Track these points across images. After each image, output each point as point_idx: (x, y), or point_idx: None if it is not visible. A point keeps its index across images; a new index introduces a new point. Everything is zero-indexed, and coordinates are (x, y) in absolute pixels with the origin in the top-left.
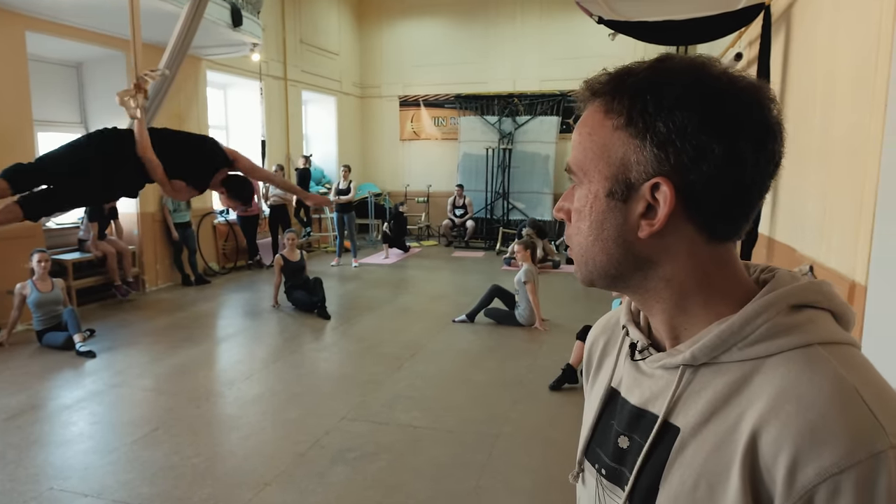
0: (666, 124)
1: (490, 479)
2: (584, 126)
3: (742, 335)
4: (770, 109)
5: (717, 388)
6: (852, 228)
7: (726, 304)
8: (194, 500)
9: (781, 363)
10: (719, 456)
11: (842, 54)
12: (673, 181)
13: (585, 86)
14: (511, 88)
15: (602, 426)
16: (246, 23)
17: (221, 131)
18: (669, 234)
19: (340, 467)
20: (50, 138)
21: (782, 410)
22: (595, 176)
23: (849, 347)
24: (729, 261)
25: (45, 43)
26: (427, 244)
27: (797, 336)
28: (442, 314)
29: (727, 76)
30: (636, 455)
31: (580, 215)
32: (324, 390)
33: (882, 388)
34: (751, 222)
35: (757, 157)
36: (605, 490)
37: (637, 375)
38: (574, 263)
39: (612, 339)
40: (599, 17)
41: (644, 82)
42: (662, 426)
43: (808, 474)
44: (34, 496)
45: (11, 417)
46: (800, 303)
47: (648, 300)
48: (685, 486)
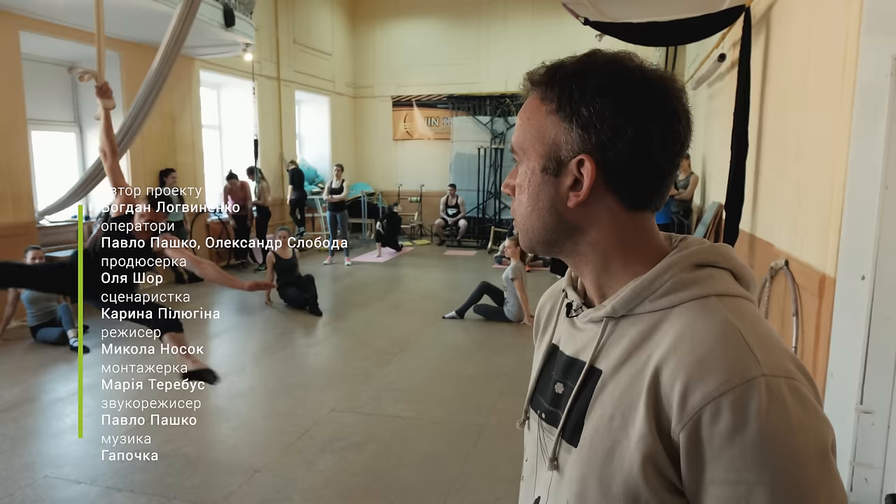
0: (588, 109)
1: (474, 466)
2: (524, 112)
3: (652, 290)
4: (677, 98)
5: (632, 336)
6: (823, 224)
7: (642, 265)
8: (186, 486)
9: (683, 312)
10: (631, 391)
11: (814, 55)
12: (594, 158)
13: (527, 77)
14: (503, 89)
15: (544, 377)
16: (238, 23)
17: (214, 131)
18: (593, 203)
19: (328, 456)
20: (44, 137)
21: (679, 349)
22: (532, 154)
23: (741, 300)
24: (646, 228)
25: (38, 42)
26: (420, 243)
27: (697, 289)
28: (432, 311)
29: (641, 69)
30: (568, 397)
31: (521, 189)
32: (314, 384)
33: (762, 331)
34: (664, 195)
35: (664, 138)
36: (545, 432)
37: (572, 330)
38: (518, 234)
39: (556, 304)
40: (585, 19)
41: (571, 74)
42: (588, 370)
43: (696, 398)
44: (29, 483)
45: (6, 410)
46: (701, 262)
47: (579, 263)
48: (604, 418)
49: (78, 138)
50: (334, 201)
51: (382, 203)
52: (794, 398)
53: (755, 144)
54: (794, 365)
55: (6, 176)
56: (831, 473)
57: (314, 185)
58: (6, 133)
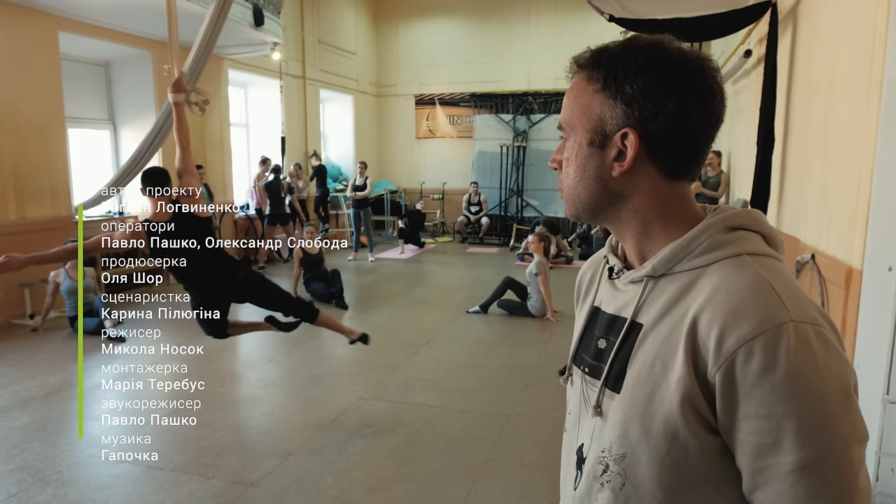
0: (632, 87)
1: (501, 452)
2: (571, 91)
3: (689, 249)
4: (713, 77)
5: (671, 292)
6: (849, 217)
7: (680, 229)
8: (223, 467)
9: (718, 269)
10: (670, 340)
11: (842, 50)
12: (637, 131)
13: (573, 60)
14: (525, 87)
15: (587, 336)
16: (267, 22)
17: (242, 129)
18: (636, 173)
19: (359, 441)
20: (80, 135)
21: (715, 300)
22: (579, 130)
23: (770, 259)
24: (684, 195)
25: (75, 42)
26: (442, 240)
27: (731, 248)
28: (456, 305)
29: (679, 51)
30: (611, 351)
31: (568, 162)
32: (342, 373)
33: (790, 284)
34: (700, 165)
35: (701, 112)
36: (588, 384)
37: (613, 292)
38: (564, 204)
39: (596, 270)
40: (611, 16)
41: (616, 55)
42: (630, 325)
43: (730, 342)
44: (75, 461)
45: (51, 394)
46: (735, 225)
47: (622, 229)
48: (645, 365)
49: (112, 136)
50: (358, 198)
51: (405, 200)
52: (819, 342)
53: (781, 140)
54: (819, 314)
55: (45, 172)
56: (853, 408)
57: (338, 183)
58: (46, 131)
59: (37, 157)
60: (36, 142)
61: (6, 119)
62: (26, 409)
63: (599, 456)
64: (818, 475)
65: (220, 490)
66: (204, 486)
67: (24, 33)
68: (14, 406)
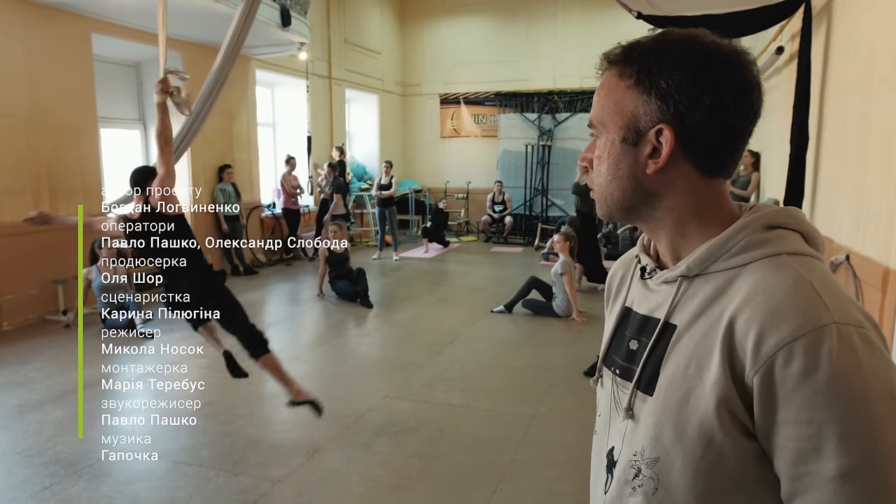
0: (667, 82)
1: (527, 452)
2: (602, 88)
3: (726, 248)
4: (749, 70)
5: (706, 292)
6: (886, 217)
7: (716, 228)
8: (251, 463)
9: (756, 268)
10: (706, 341)
11: (879, 46)
12: (673, 127)
13: (603, 56)
14: (551, 86)
15: (618, 337)
16: (294, 23)
17: (269, 129)
18: (671, 170)
19: (384, 439)
20: (111, 135)
21: (753, 300)
22: (612, 127)
23: (811, 259)
24: (720, 193)
25: (107, 44)
26: (466, 240)
27: (769, 248)
28: (480, 305)
29: (715, 44)
30: (643, 352)
31: (600, 161)
32: (367, 371)
33: (831, 285)
34: (737, 161)
35: (738, 106)
36: (619, 386)
37: (645, 292)
38: (596, 203)
39: (628, 270)
40: (639, 13)
41: (649, 50)
42: (663, 326)
43: (769, 344)
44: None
45: (86, 388)
46: (773, 224)
47: (655, 228)
48: (679, 367)
49: (142, 135)
50: (383, 197)
51: (429, 200)
52: (863, 344)
53: (814, 139)
54: (863, 315)
55: (78, 171)
56: None
57: (363, 182)
58: (79, 131)
59: (70, 157)
60: (69, 142)
61: (42, 120)
62: (59, 404)
63: (631, 459)
64: (862, 482)
65: (247, 486)
66: (231, 481)
67: (59, 36)
68: (48, 400)
